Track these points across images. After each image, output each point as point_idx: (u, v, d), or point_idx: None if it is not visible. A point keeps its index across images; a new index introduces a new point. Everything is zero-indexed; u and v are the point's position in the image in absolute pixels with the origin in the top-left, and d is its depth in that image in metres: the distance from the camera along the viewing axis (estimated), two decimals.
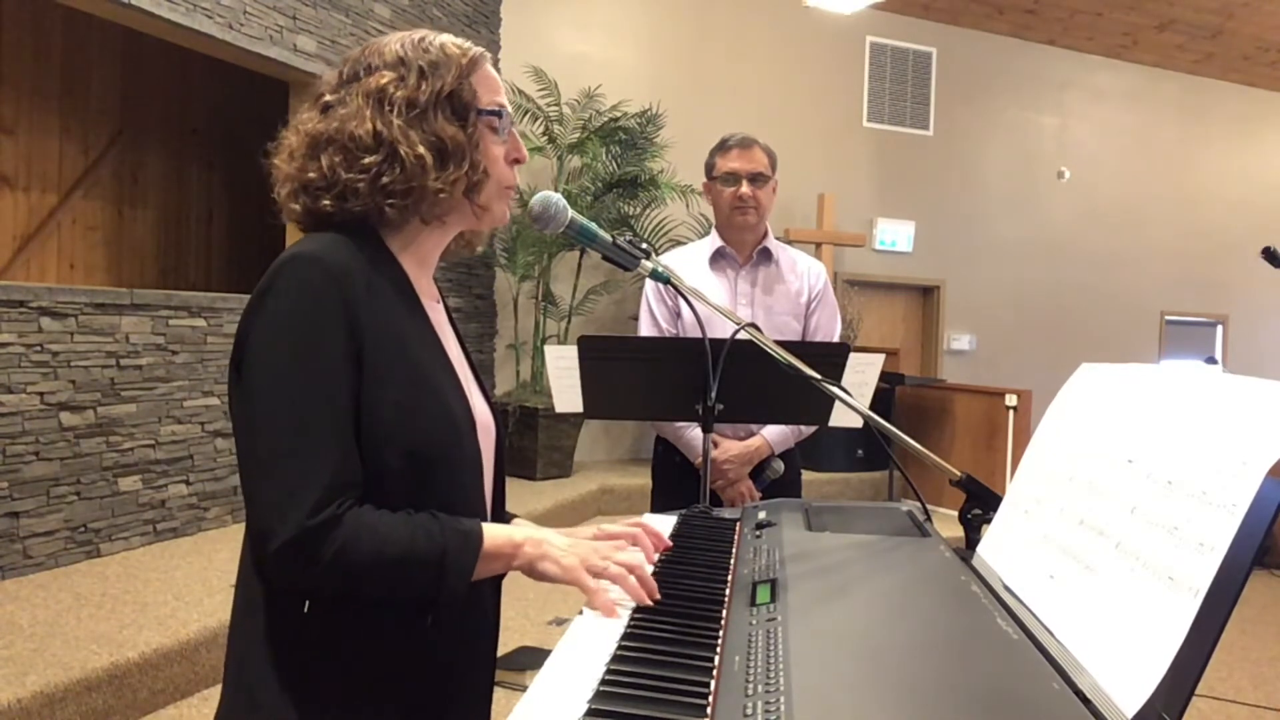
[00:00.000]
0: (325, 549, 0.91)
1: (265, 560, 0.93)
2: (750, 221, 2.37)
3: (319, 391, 0.95)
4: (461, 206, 1.10)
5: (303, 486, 0.92)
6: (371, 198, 1.03)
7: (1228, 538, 0.69)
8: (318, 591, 0.96)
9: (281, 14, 4.58)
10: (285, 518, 0.91)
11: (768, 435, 2.35)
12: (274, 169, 1.09)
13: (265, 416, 0.95)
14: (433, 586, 0.97)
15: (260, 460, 0.94)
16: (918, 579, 1.09)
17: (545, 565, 1.04)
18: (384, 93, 1.05)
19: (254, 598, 1.01)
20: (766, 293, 2.41)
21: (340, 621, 0.99)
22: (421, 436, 1.00)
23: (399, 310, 1.04)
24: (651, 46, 7.29)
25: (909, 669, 0.81)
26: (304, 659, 0.99)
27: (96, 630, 2.91)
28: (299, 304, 0.96)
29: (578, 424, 6.15)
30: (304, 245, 1.01)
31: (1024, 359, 8.28)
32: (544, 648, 3.40)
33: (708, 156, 2.44)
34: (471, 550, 0.99)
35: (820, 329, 2.44)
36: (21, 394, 3.42)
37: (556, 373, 2.25)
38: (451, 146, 1.05)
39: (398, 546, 0.95)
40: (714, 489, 2.33)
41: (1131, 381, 0.98)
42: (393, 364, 1.00)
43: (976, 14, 8.15)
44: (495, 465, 1.20)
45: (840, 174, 7.77)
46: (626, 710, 0.76)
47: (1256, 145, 9.77)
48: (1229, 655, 4.00)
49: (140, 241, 6.04)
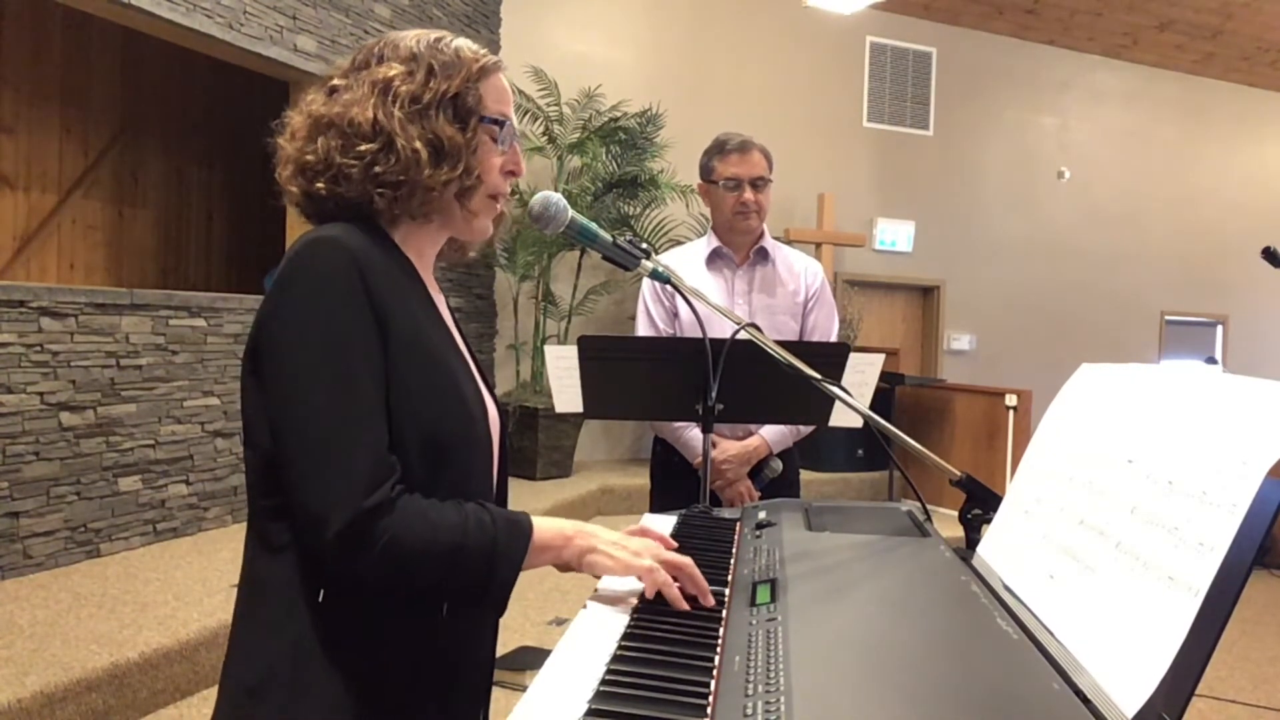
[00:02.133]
0: (379, 535, 0.91)
1: (321, 546, 0.92)
2: (752, 225, 2.38)
3: (357, 372, 0.95)
4: (451, 209, 1.10)
5: (352, 470, 0.92)
6: (363, 185, 1.03)
7: (1228, 538, 0.69)
8: (367, 579, 0.95)
9: (281, 14, 4.58)
10: (341, 502, 0.90)
11: (766, 435, 2.35)
12: (278, 148, 1.09)
13: (303, 401, 0.94)
14: (483, 576, 0.97)
15: (306, 447, 0.93)
16: (918, 579, 1.09)
17: (596, 558, 1.05)
18: (390, 84, 1.05)
19: (256, 597, 1.01)
20: (763, 292, 2.42)
21: (343, 622, 0.99)
22: (437, 424, 1.01)
23: (414, 298, 1.05)
24: (651, 46, 7.29)
25: (909, 669, 0.81)
26: (306, 659, 0.99)
27: (96, 630, 2.91)
28: (324, 286, 0.96)
29: (578, 424, 6.15)
30: (322, 230, 1.01)
31: (1024, 359, 8.28)
32: (544, 648, 3.40)
33: (703, 158, 2.43)
34: (522, 540, 1.00)
35: (818, 328, 2.44)
36: (21, 394, 3.42)
37: (556, 373, 2.25)
38: (449, 147, 1.05)
39: (450, 534, 0.95)
40: (713, 489, 2.33)
41: (1131, 381, 0.98)
42: (411, 347, 1.00)
43: (976, 14, 8.15)
44: (500, 459, 1.20)
45: (840, 174, 7.77)
46: (626, 710, 0.76)
47: (1256, 145, 9.77)
48: (1229, 655, 4.00)
49: (140, 241, 6.04)
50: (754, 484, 2.35)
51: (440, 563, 0.95)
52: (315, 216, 1.08)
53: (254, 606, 1.02)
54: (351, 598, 0.99)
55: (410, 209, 1.06)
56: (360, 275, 0.97)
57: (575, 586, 4.10)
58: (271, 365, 0.97)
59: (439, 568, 0.95)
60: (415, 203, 1.05)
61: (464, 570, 0.96)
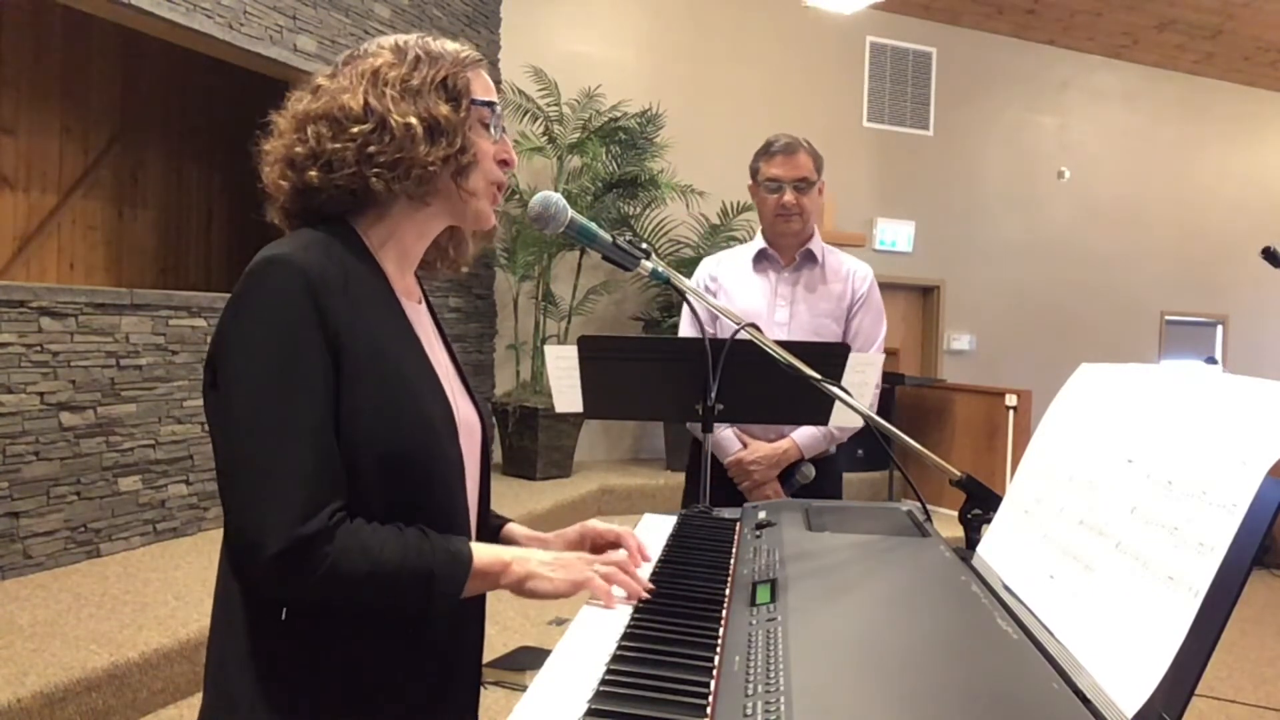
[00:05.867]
0: (318, 563, 0.91)
1: (255, 571, 0.92)
2: (794, 228, 2.36)
3: (298, 397, 0.94)
4: (448, 191, 1.08)
5: (290, 495, 0.91)
6: (358, 167, 1.02)
7: (1228, 538, 0.69)
8: (303, 601, 0.96)
9: (281, 14, 4.58)
10: (276, 528, 0.90)
11: (797, 439, 2.32)
12: (263, 155, 1.08)
13: (245, 424, 0.94)
14: (420, 604, 0.98)
15: (244, 470, 0.93)
16: (918, 579, 1.09)
17: (534, 583, 1.05)
18: (379, 71, 1.05)
19: (232, 602, 1.01)
20: (808, 294, 2.39)
21: (319, 628, 0.99)
22: (397, 440, 0.99)
23: (375, 311, 1.03)
24: (651, 46, 7.29)
25: (909, 669, 0.81)
26: (282, 664, 0.99)
27: (96, 630, 2.91)
28: (273, 309, 0.96)
29: (578, 424, 6.15)
30: (277, 247, 0.99)
31: (1024, 359, 8.28)
32: (544, 648, 3.40)
33: (752, 159, 2.42)
34: (461, 570, 1.00)
35: (862, 332, 2.40)
36: (21, 394, 3.42)
37: (556, 373, 2.25)
38: (443, 124, 1.05)
39: (389, 564, 0.95)
40: (741, 489, 2.32)
41: (1131, 381, 0.98)
42: (367, 367, 0.99)
43: (976, 14, 8.15)
44: (481, 468, 1.19)
45: (840, 174, 7.74)
46: (626, 710, 0.76)
47: (1256, 145, 9.77)
48: (1229, 655, 4.00)
49: (140, 241, 6.04)
50: (785, 489, 2.32)
51: (377, 591, 0.95)
52: (301, 215, 1.07)
53: (230, 612, 1.01)
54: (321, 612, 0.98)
55: (407, 189, 1.04)
56: (312, 296, 0.96)
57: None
58: (222, 385, 0.98)
59: (376, 595, 0.96)
60: (412, 183, 1.04)
61: (400, 598, 0.97)
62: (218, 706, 1.01)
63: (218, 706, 1.01)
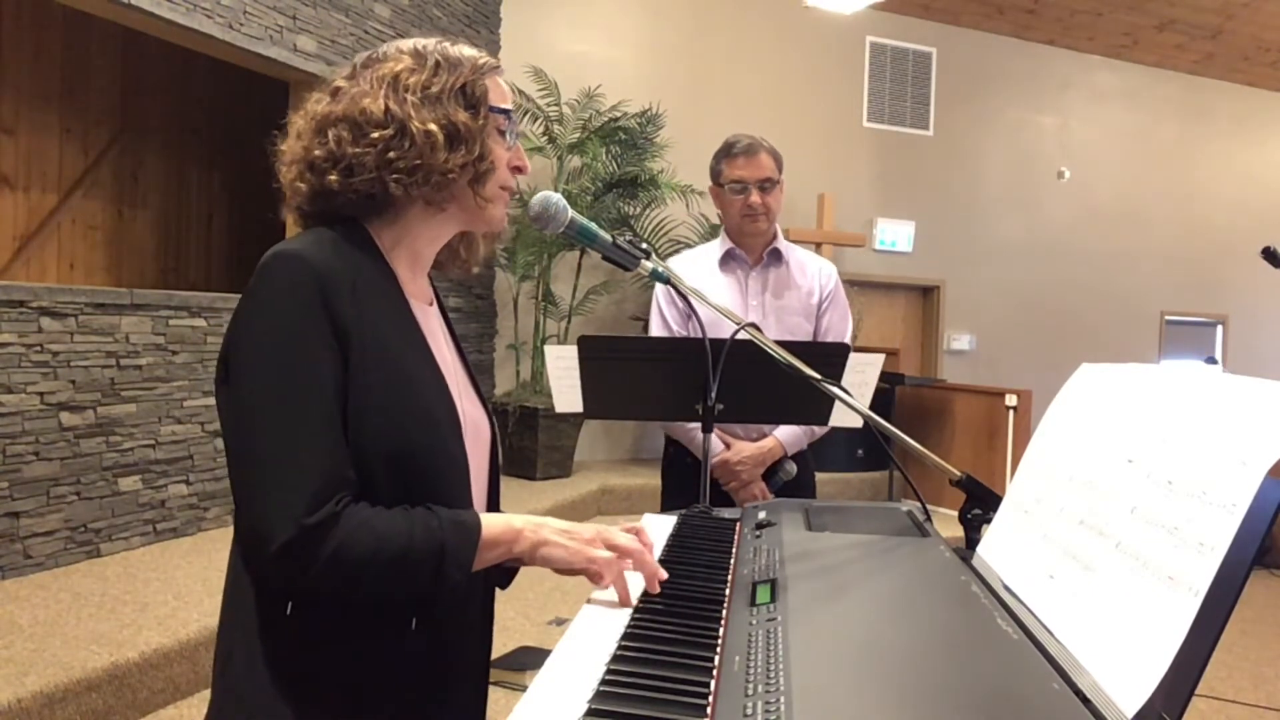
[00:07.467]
0: (324, 548, 0.91)
1: (263, 562, 0.93)
2: (761, 228, 2.36)
3: (307, 391, 0.95)
4: (464, 196, 1.09)
5: (297, 486, 0.92)
6: (377, 172, 1.02)
7: (1228, 538, 0.69)
8: (316, 591, 0.96)
9: (281, 14, 4.58)
10: (283, 519, 0.90)
11: (780, 436, 2.34)
12: (279, 155, 1.08)
13: (255, 418, 0.95)
14: (432, 579, 0.97)
15: (252, 462, 0.94)
16: (918, 579, 1.09)
17: (548, 550, 1.04)
18: (399, 77, 1.06)
19: (242, 598, 1.01)
20: (777, 294, 2.40)
21: (328, 622, 0.99)
22: (402, 438, 1.00)
23: (383, 311, 1.03)
24: (651, 46, 7.29)
25: (909, 669, 0.81)
26: (291, 660, 0.99)
27: (96, 630, 2.91)
28: (283, 304, 0.96)
29: (578, 424, 6.15)
30: (289, 244, 1.00)
31: (1024, 359, 8.28)
32: (544, 648, 3.40)
33: (712, 161, 2.41)
34: (470, 540, 0.99)
35: (831, 329, 2.42)
36: (21, 394, 3.42)
37: (556, 373, 2.25)
38: (463, 131, 1.06)
39: (396, 541, 0.95)
40: (727, 490, 2.32)
41: (1131, 381, 0.98)
42: (374, 365, 0.99)
43: (976, 14, 8.15)
44: (490, 470, 1.19)
45: (840, 174, 7.77)
46: (626, 710, 0.76)
47: (1256, 145, 9.77)
48: (1229, 655, 4.00)
49: (140, 241, 6.04)
50: (769, 486, 2.34)
51: (387, 569, 0.95)
52: (316, 216, 1.08)
53: (240, 607, 1.01)
54: (326, 608, 0.98)
55: (425, 194, 1.06)
56: (321, 291, 0.96)
57: (575, 586, 4.09)
58: (232, 379, 0.98)
59: (386, 575, 0.95)
60: (430, 189, 1.05)
61: (412, 575, 0.96)
62: (225, 702, 1.01)
63: (225, 702, 1.01)
